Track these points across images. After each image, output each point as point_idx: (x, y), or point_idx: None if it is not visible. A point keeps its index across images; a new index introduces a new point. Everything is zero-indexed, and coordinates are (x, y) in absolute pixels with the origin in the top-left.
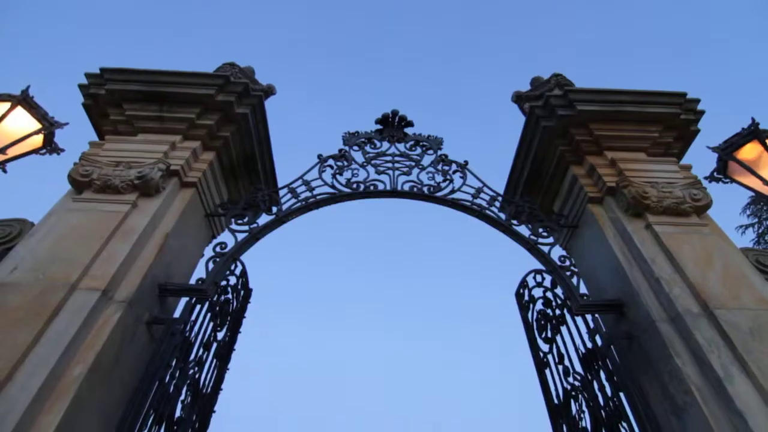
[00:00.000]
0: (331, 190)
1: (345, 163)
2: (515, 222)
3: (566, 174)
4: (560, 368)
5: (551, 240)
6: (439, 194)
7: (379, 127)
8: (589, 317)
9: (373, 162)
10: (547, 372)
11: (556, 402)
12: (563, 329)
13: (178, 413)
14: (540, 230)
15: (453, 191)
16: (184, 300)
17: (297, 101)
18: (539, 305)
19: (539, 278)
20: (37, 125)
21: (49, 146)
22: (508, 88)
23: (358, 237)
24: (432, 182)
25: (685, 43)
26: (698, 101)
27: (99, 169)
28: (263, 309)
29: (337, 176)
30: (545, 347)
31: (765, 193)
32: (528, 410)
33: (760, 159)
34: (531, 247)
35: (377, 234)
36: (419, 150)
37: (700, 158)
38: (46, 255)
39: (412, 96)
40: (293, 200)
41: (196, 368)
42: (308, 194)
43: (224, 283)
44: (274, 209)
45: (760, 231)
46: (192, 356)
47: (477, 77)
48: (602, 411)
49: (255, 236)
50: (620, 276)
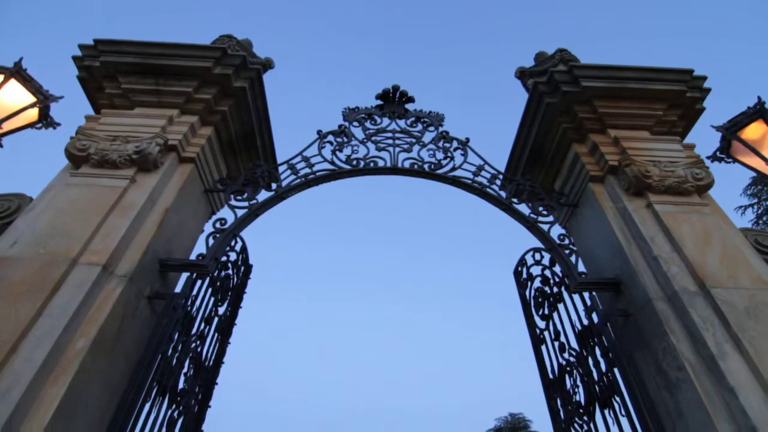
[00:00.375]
0: (331, 167)
1: (345, 140)
2: (515, 200)
3: (568, 152)
4: (556, 344)
5: (551, 219)
6: (440, 172)
7: (380, 103)
8: (587, 295)
9: (374, 138)
10: (543, 348)
11: (551, 377)
12: (560, 307)
13: (181, 385)
14: (540, 209)
15: (454, 169)
16: (185, 275)
17: (296, 76)
18: (537, 283)
19: (538, 256)
20: (32, 99)
21: (45, 120)
22: (512, 65)
23: (359, 214)
24: (433, 159)
25: (694, 21)
26: (705, 78)
27: (96, 144)
28: (265, 283)
29: (337, 153)
30: (542, 324)
31: (767, 173)
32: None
33: (765, 139)
34: (531, 226)
35: (378, 211)
36: (420, 126)
37: (704, 137)
38: (46, 229)
39: (414, 71)
40: (293, 176)
41: (198, 342)
42: (308, 171)
43: (224, 259)
44: (274, 186)
45: (759, 211)
46: (194, 330)
47: (480, 54)
48: (596, 386)
49: (255, 212)
50: (619, 255)
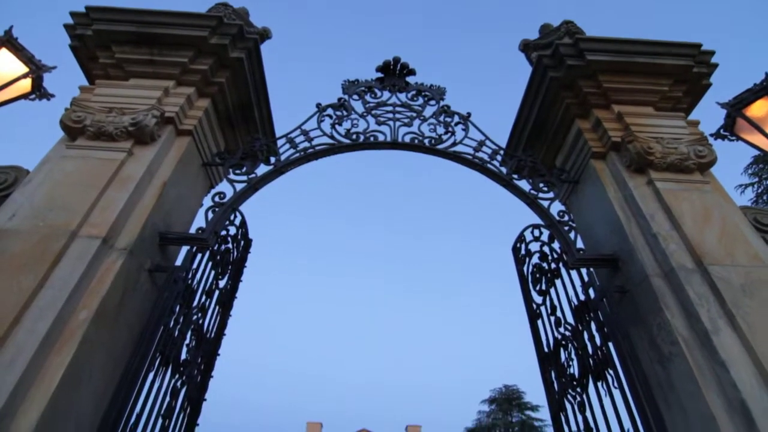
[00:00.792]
0: (330, 141)
1: (344, 113)
2: (516, 177)
3: (571, 128)
4: (552, 319)
5: (551, 195)
6: (441, 147)
7: (380, 75)
8: (584, 271)
9: (374, 112)
10: (539, 323)
11: (546, 350)
12: (557, 282)
13: (184, 356)
14: (540, 185)
15: (455, 144)
16: (185, 249)
17: (294, 47)
18: (535, 259)
19: (537, 233)
20: (24, 68)
21: (38, 91)
22: (516, 39)
23: (358, 189)
24: (433, 134)
25: None
26: (712, 53)
27: (92, 116)
28: (266, 258)
29: (336, 126)
30: (539, 299)
31: None
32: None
33: None
34: (531, 202)
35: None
36: (421, 100)
37: (709, 115)
38: (44, 202)
39: (415, 44)
40: (291, 150)
41: (199, 314)
42: (307, 145)
43: (224, 233)
44: (273, 160)
45: (759, 191)
46: (195, 303)
47: (483, 28)
48: (590, 359)
49: (254, 186)
50: (618, 231)
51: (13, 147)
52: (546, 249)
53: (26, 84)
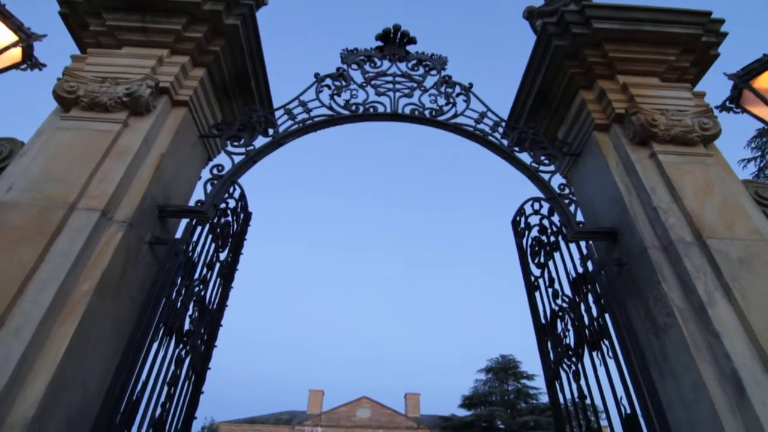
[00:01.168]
0: (329, 112)
1: (343, 83)
2: (517, 149)
3: (574, 99)
4: (550, 291)
5: (552, 168)
6: (441, 118)
7: (380, 44)
8: (583, 244)
9: (373, 82)
10: (537, 295)
11: (543, 322)
12: (556, 255)
13: (187, 327)
14: (542, 158)
15: (456, 115)
16: (185, 222)
17: (291, 14)
18: (534, 232)
19: (537, 206)
20: (14, 37)
21: (30, 61)
22: (520, 6)
23: (357, 162)
24: (434, 105)
25: None
26: (722, 22)
27: (85, 86)
28: (266, 232)
29: (335, 97)
30: (537, 272)
31: None
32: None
33: None
34: (532, 175)
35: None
36: (422, 70)
37: (715, 87)
38: (40, 175)
39: (416, 11)
40: (290, 122)
41: (201, 286)
42: (305, 116)
43: (223, 206)
44: (271, 131)
45: (762, 165)
46: (196, 275)
47: None
48: (586, 330)
49: (252, 158)
50: (618, 205)
51: (6, 119)
52: (546, 222)
53: (17, 53)
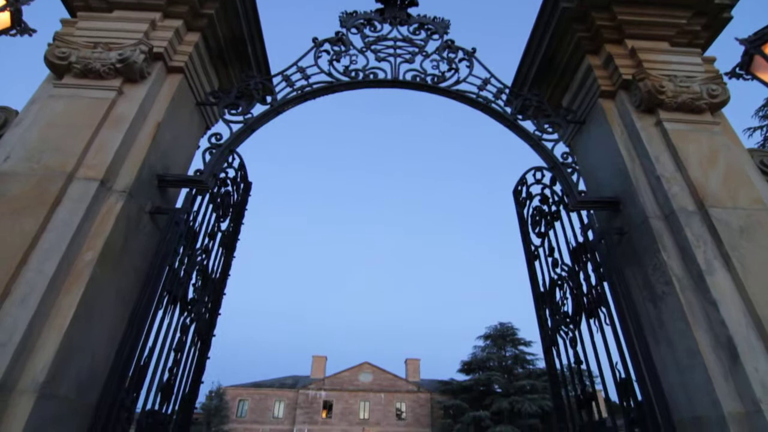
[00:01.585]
0: (328, 79)
1: (342, 48)
2: (521, 117)
3: (580, 65)
4: (550, 260)
5: (556, 136)
6: (443, 85)
7: (380, 6)
8: (584, 214)
9: (373, 47)
10: (537, 264)
11: (542, 290)
12: (557, 225)
13: (191, 295)
14: (545, 126)
15: (458, 82)
16: (185, 192)
17: None
18: (536, 202)
19: (539, 175)
20: (1, 1)
21: (19, 26)
22: None
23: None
24: (436, 71)
25: None
26: None
27: (77, 51)
28: (267, 204)
29: (334, 63)
30: (537, 241)
31: None
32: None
33: None
34: (535, 143)
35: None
36: (423, 34)
37: (725, 53)
38: (37, 144)
39: None
40: (288, 89)
41: (203, 255)
42: (304, 82)
43: (223, 176)
44: (269, 99)
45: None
46: (198, 245)
47: None
48: (585, 298)
49: (251, 127)
50: (621, 174)
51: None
52: (547, 191)
53: (5, 18)
